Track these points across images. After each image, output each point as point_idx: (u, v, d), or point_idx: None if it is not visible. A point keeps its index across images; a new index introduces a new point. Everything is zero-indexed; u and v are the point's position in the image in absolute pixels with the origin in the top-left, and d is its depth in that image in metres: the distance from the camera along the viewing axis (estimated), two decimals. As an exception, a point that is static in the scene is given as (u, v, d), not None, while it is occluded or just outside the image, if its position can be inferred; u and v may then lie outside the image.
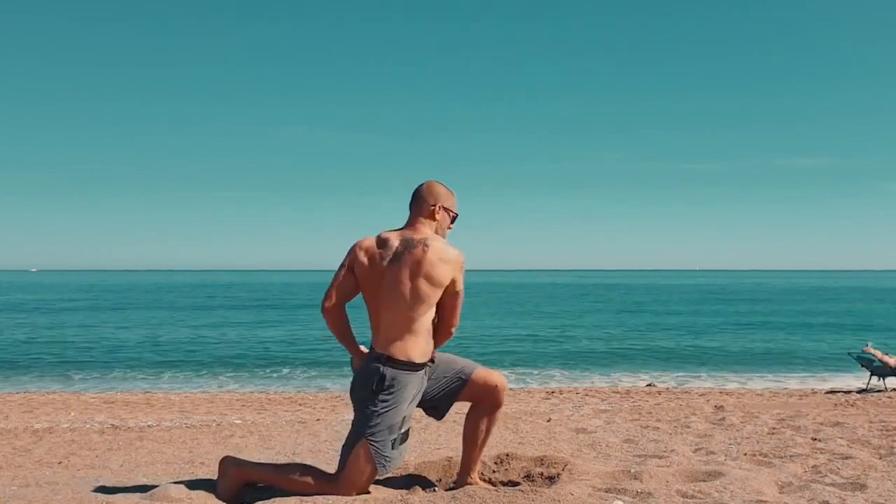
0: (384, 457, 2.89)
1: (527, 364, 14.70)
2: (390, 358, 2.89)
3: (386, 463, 2.90)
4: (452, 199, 3.11)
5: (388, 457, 2.90)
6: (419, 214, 3.03)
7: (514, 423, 5.75)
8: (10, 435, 5.88)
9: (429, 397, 3.05)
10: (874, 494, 3.04)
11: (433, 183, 3.10)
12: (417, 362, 2.92)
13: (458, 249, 2.98)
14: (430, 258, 2.89)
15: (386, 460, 2.90)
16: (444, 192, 3.09)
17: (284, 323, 27.12)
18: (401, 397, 2.89)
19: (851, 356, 10.04)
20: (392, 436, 2.90)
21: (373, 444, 2.87)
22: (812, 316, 30.66)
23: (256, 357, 16.86)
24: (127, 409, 8.33)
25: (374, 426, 2.87)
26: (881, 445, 4.35)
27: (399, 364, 2.89)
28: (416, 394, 2.97)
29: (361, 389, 2.92)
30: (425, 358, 2.97)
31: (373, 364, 2.91)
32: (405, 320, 2.90)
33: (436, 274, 2.89)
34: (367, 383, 2.90)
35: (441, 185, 3.10)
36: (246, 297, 51.02)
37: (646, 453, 4.25)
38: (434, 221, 3.03)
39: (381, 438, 2.88)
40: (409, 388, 2.91)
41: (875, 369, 9.40)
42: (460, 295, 3.00)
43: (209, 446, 5.16)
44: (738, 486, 3.06)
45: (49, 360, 16.05)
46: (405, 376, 2.90)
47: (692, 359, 16.37)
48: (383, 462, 2.89)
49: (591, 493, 2.91)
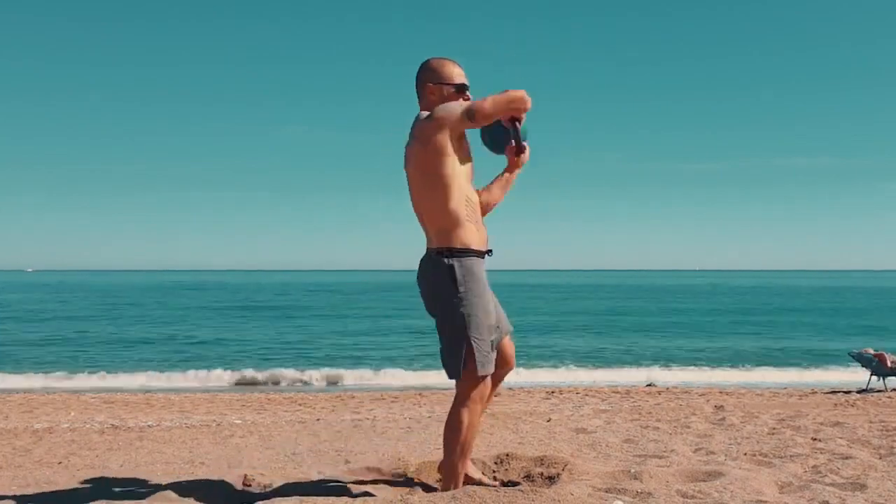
0: (485, 356, 2.71)
1: (526, 364, 14.72)
2: (448, 249, 2.72)
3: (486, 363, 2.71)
4: (446, 68, 2.83)
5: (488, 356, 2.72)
6: (419, 101, 2.87)
7: (514, 423, 5.75)
8: (10, 435, 5.88)
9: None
10: (874, 494, 3.04)
11: (422, 65, 2.86)
12: (475, 248, 2.76)
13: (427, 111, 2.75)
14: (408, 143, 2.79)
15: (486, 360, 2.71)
16: (436, 65, 2.84)
17: (285, 323, 27.12)
18: (477, 286, 2.72)
19: (851, 356, 10.04)
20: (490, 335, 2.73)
21: (475, 340, 2.67)
22: (812, 316, 30.67)
23: (257, 357, 16.87)
24: (127, 409, 8.32)
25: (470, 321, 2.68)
26: (881, 445, 4.35)
27: (458, 252, 2.71)
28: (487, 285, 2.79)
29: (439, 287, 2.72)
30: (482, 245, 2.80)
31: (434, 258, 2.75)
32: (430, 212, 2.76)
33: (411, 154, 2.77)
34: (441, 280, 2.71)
35: (430, 61, 2.85)
36: (246, 296, 51.01)
37: (646, 453, 4.25)
38: (431, 103, 2.80)
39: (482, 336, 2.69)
40: (480, 276, 2.74)
41: (875, 369, 9.39)
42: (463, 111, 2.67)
43: (209, 446, 5.16)
44: (738, 486, 3.06)
45: (49, 360, 16.04)
46: (471, 262, 2.73)
47: (692, 359, 16.38)
48: (483, 361, 2.69)
49: (591, 493, 2.91)
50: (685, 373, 13.92)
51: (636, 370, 14.22)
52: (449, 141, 2.70)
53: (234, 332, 23.57)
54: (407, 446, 4.62)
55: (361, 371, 14.26)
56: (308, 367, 14.88)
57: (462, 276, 2.70)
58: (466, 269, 2.72)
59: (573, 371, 14.17)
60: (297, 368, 14.62)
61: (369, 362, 15.70)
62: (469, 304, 2.69)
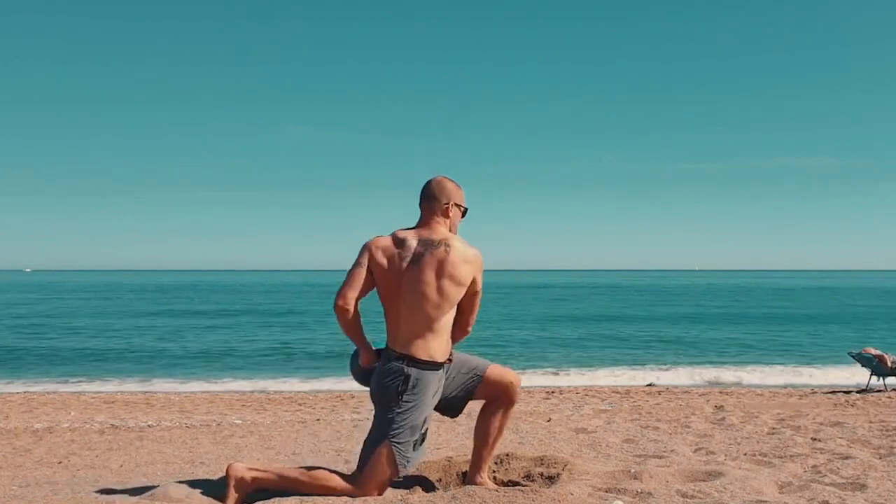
0: (406, 458, 2.91)
1: (526, 364, 14.71)
2: (413, 357, 2.89)
3: (407, 464, 2.92)
4: (461, 193, 3.13)
5: (409, 458, 2.92)
6: (432, 213, 3.04)
7: (514, 423, 5.75)
8: (10, 435, 5.88)
9: (445, 396, 3.05)
10: (874, 494, 3.04)
11: (442, 179, 3.10)
12: (439, 361, 2.94)
13: (476, 249, 3.01)
14: (452, 259, 2.91)
15: (407, 461, 2.92)
16: (454, 189, 3.09)
17: (285, 322, 27.11)
18: (424, 397, 2.91)
19: (851, 356, 10.04)
20: (414, 437, 2.91)
21: (395, 445, 2.88)
22: (812, 316, 30.66)
23: (257, 357, 16.86)
24: (127, 409, 8.33)
25: (397, 427, 2.89)
26: (881, 445, 4.35)
27: (422, 364, 2.90)
28: (437, 392, 2.98)
29: (385, 391, 2.91)
30: (445, 356, 2.99)
31: (395, 364, 2.90)
32: (428, 320, 2.90)
33: (458, 274, 2.91)
34: (392, 384, 2.89)
35: (450, 182, 3.11)
36: (245, 297, 50.99)
37: (646, 453, 4.25)
38: (447, 219, 3.05)
39: (404, 440, 2.89)
40: (430, 387, 2.93)
41: (875, 369, 9.39)
42: (479, 294, 3.04)
43: (209, 446, 5.16)
44: (738, 486, 3.06)
45: (49, 360, 16.04)
46: (428, 375, 2.91)
47: (692, 359, 16.37)
48: (404, 463, 2.91)
49: (591, 493, 2.91)
50: (685, 373, 13.90)
51: (636, 370, 14.21)
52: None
53: (233, 332, 23.57)
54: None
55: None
56: (308, 367, 14.88)
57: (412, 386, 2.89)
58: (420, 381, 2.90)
59: (573, 371, 14.15)
60: (297, 369, 14.62)
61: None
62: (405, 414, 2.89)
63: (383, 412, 2.92)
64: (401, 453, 2.89)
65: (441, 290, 2.90)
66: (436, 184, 3.08)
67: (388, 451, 2.88)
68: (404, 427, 2.88)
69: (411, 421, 2.89)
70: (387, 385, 2.90)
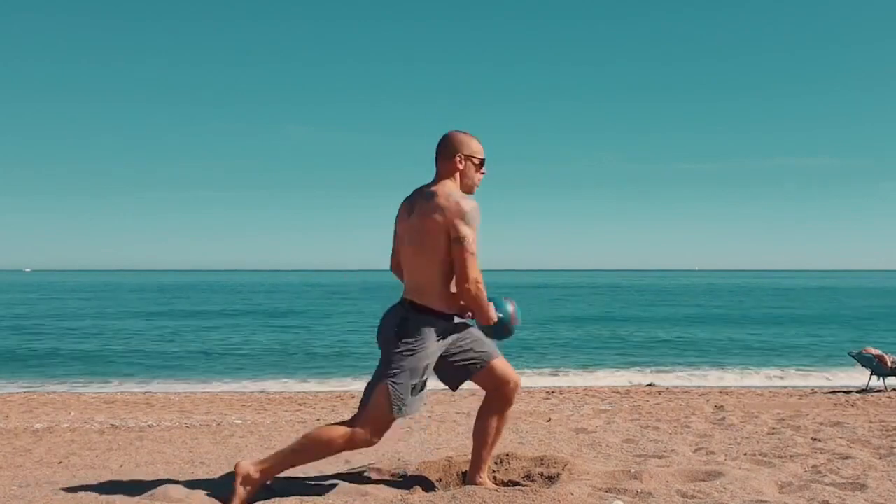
0: (402, 399, 2.93)
1: (526, 364, 14.71)
2: (412, 303, 2.98)
3: (402, 406, 2.94)
4: (474, 143, 3.10)
5: (405, 401, 2.94)
6: (442, 168, 3.07)
7: (514, 423, 5.75)
8: (10, 435, 5.88)
9: (448, 362, 3.07)
10: (874, 494, 3.04)
11: (452, 133, 3.11)
12: (436, 310, 2.98)
13: (465, 198, 2.94)
14: (432, 204, 2.93)
15: (403, 403, 2.94)
16: (464, 139, 3.08)
17: (285, 322, 27.10)
18: (423, 344, 2.94)
19: (851, 356, 10.04)
20: (412, 381, 2.94)
21: (393, 384, 2.93)
22: (811, 316, 30.66)
23: (257, 357, 16.86)
24: (127, 409, 8.33)
25: (395, 368, 2.94)
26: (881, 445, 4.35)
27: (419, 309, 2.96)
28: (439, 347, 3.00)
29: (386, 331, 3.01)
30: (448, 309, 3.01)
31: (397, 307, 3.04)
32: (421, 269, 2.98)
33: (434, 219, 2.91)
34: (391, 325, 2.99)
35: (461, 133, 3.10)
36: (245, 297, 51.00)
37: (646, 453, 4.25)
38: (457, 171, 3.05)
39: (401, 381, 2.93)
40: (429, 336, 2.96)
41: (875, 369, 9.39)
42: (463, 246, 2.87)
43: (209, 446, 5.16)
44: (738, 486, 3.07)
45: (49, 360, 16.03)
46: (425, 321, 2.96)
47: (693, 359, 16.36)
48: (399, 405, 2.93)
49: (591, 493, 2.91)
50: (685, 373, 13.91)
51: (636, 370, 14.21)
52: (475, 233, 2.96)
53: (233, 332, 23.56)
54: (407, 446, 4.62)
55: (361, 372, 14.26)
56: (308, 367, 14.88)
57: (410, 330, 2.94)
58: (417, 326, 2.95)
59: (573, 371, 14.15)
60: (297, 369, 14.62)
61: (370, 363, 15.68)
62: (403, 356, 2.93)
63: (385, 354, 2.99)
64: (397, 394, 2.92)
65: (422, 237, 2.94)
66: (446, 138, 3.10)
67: (385, 390, 2.93)
68: (403, 368, 2.92)
69: (410, 363, 2.93)
70: (388, 327, 3.01)
